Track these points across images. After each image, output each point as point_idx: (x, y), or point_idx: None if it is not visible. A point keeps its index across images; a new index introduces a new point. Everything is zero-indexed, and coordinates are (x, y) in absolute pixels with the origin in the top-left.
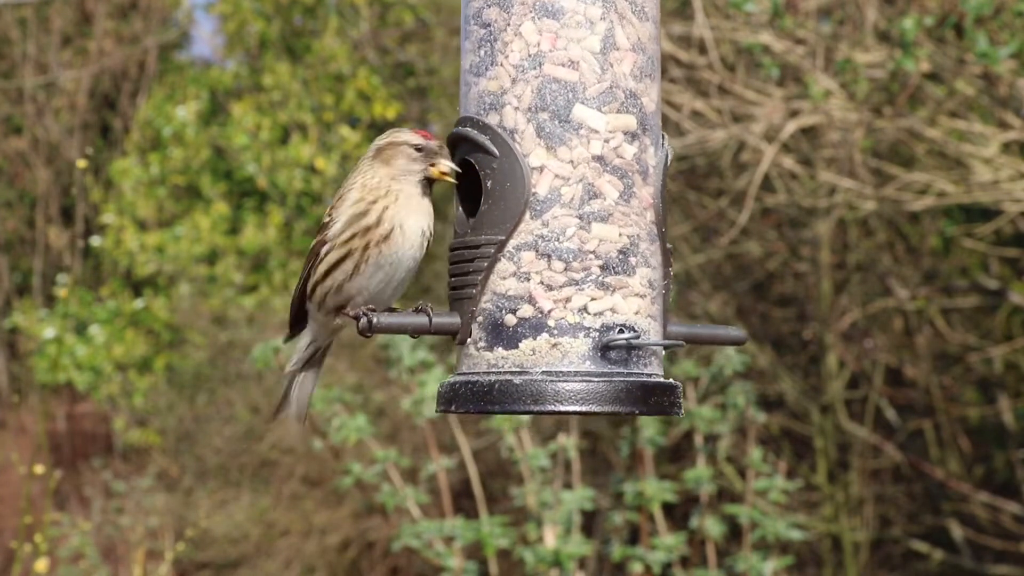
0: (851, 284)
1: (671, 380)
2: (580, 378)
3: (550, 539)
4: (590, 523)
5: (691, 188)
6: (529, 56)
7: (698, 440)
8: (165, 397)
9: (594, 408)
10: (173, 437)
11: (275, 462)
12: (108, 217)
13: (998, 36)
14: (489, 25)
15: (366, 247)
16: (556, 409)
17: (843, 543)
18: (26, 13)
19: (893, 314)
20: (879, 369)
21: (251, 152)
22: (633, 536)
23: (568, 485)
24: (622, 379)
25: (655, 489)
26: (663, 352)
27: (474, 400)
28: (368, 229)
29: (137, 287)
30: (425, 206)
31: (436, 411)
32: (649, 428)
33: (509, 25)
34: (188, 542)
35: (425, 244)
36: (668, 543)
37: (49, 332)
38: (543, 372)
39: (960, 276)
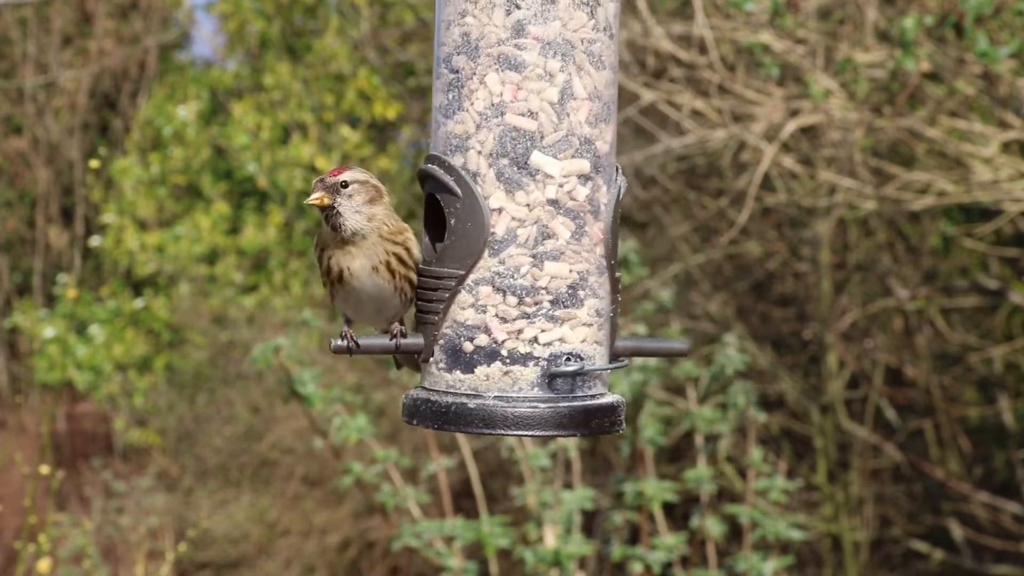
0: (851, 284)
1: (613, 400)
2: (528, 404)
3: (550, 539)
4: (590, 523)
5: (691, 188)
6: (492, 105)
7: (698, 440)
8: (165, 397)
9: (538, 432)
10: (173, 437)
11: (275, 462)
12: (108, 217)
13: (998, 36)
14: (458, 71)
15: (332, 283)
16: (505, 432)
17: (843, 543)
18: (26, 13)
19: (893, 314)
20: (879, 369)
21: (251, 152)
22: (633, 536)
23: (568, 485)
24: (566, 404)
25: (655, 489)
26: (608, 374)
27: (432, 418)
28: (327, 272)
29: (137, 287)
30: (363, 243)
31: (403, 419)
32: (649, 428)
33: (475, 74)
34: (189, 542)
35: (388, 269)
36: (668, 543)
37: (49, 332)
38: (495, 397)
39: (960, 276)
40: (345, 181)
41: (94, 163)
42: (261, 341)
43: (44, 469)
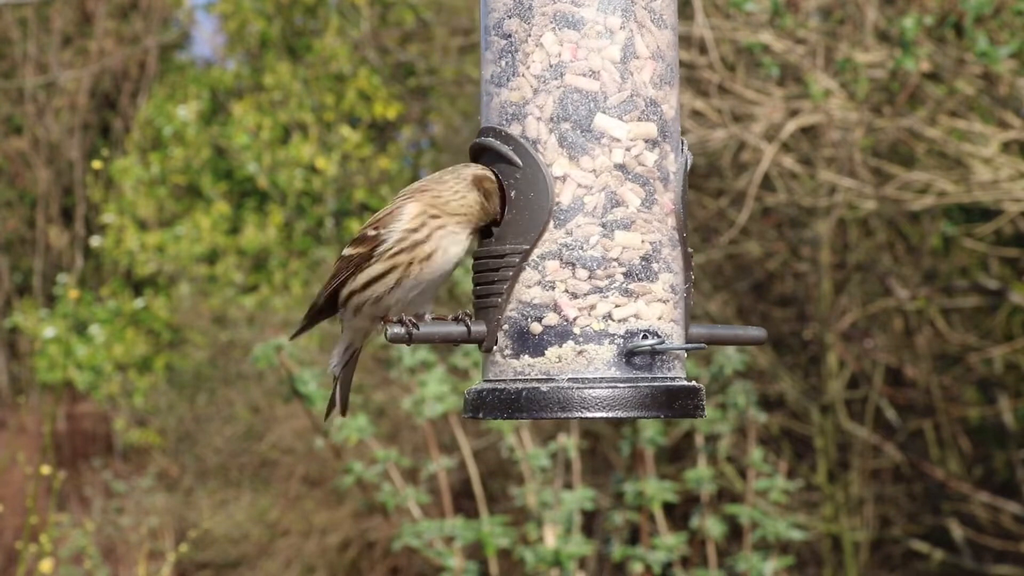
0: (851, 284)
1: (694, 383)
2: (606, 384)
3: (550, 539)
4: (590, 523)
5: (691, 188)
6: (550, 66)
7: (698, 440)
8: (165, 397)
9: (620, 413)
10: (173, 437)
11: (275, 462)
12: (108, 217)
13: (998, 35)
14: (510, 36)
15: (410, 263)
16: (583, 415)
17: (843, 543)
18: (26, 13)
19: (893, 314)
20: (879, 369)
21: (252, 152)
22: (633, 536)
23: (568, 485)
24: (647, 384)
25: (655, 489)
26: (686, 355)
27: (502, 407)
28: (416, 245)
29: (137, 287)
30: (465, 243)
31: (464, 416)
32: (649, 428)
33: (530, 36)
34: (189, 543)
35: (456, 266)
36: (669, 543)
37: (49, 332)
38: (569, 379)
39: (960, 276)
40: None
41: (97, 164)
42: (261, 341)
43: (45, 469)
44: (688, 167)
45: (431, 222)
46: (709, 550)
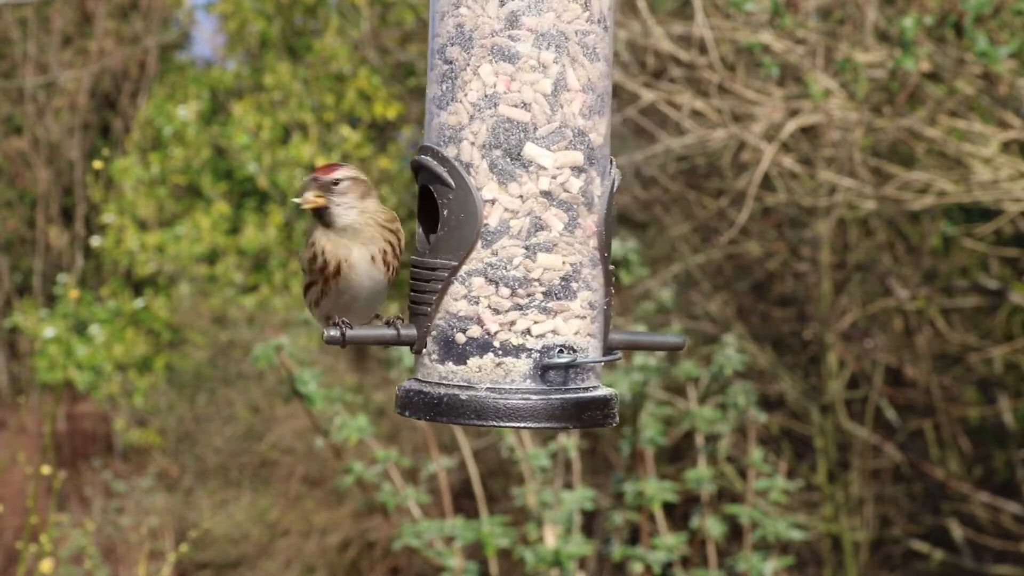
0: (851, 284)
1: (607, 393)
2: (520, 395)
3: (550, 539)
4: (590, 523)
5: (691, 188)
6: (486, 96)
7: (699, 440)
8: (165, 397)
9: (531, 424)
10: (173, 437)
11: (275, 462)
12: (108, 217)
13: (998, 35)
14: (451, 62)
15: (326, 280)
16: (497, 424)
17: (843, 543)
18: (26, 13)
19: (893, 314)
20: (879, 369)
21: (252, 152)
22: (633, 536)
23: (568, 485)
24: (559, 396)
25: (655, 489)
26: (601, 366)
27: (425, 409)
28: (322, 269)
29: (137, 287)
30: (361, 232)
31: (395, 411)
32: (649, 428)
33: (469, 65)
34: (189, 543)
35: (383, 260)
36: (669, 543)
37: (49, 332)
38: (487, 388)
39: (960, 276)
40: (337, 179)
41: (98, 164)
42: (261, 341)
43: (45, 469)
44: (615, 187)
45: (315, 249)
46: (709, 550)
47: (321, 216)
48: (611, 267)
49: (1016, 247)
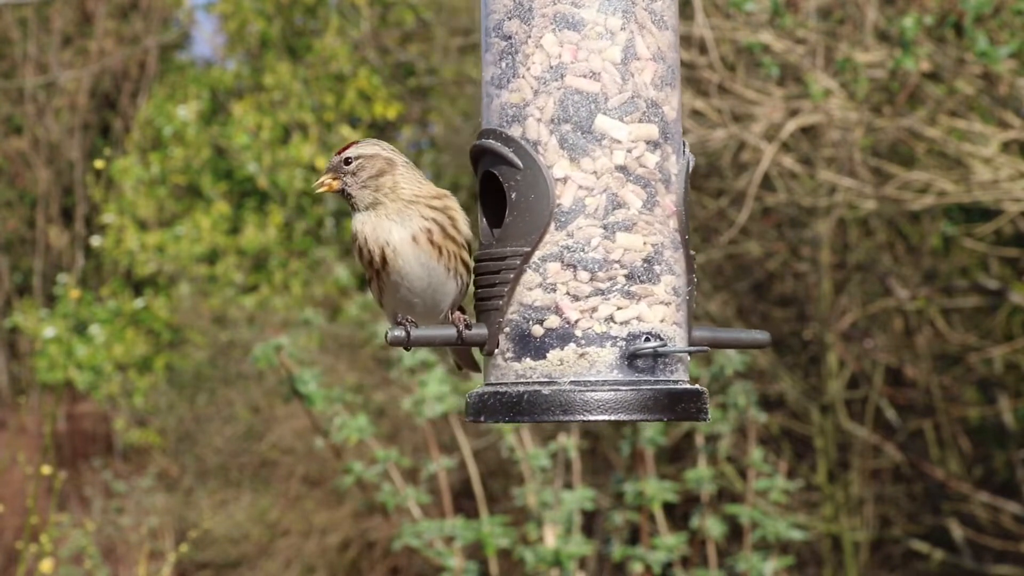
0: (851, 284)
1: (697, 386)
2: (608, 387)
3: (550, 539)
4: (590, 523)
5: (691, 188)
6: (551, 68)
7: (699, 440)
8: (165, 397)
9: (622, 416)
10: (173, 437)
11: (275, 462)
12: (108, 217)
13: (998, 35)
14: (510, 37)
15: (376, 273)
16: (585, 418)
17: (843, 543)
18: (26, 13)
19: (893, 314)
20: (879, 369)
21: (252, 152)
22: (633, 536)
23: (568, 485)
24: (649, 387)
25: (656, 489)
26: (689, 358)
27: (503, 411)
28: (370, 262)
29: (137, 287)
30: (389, 208)
31: (467, 420)
32: (649, 428)
33: (530, 37)
34: (190, 543)
35: (430, 242)
36: (669, 543)
37: (49, 332)
38: (571, 382)
39: (960, 276)
40: (348, 158)
41: (99, 164)
42: (261, 341)
43: (45, 469)
44: (690, 168)
45: (358, 242)
46: (709, 550)
47: (347, 200)
48: (692, 252)
49: (1016, 247)
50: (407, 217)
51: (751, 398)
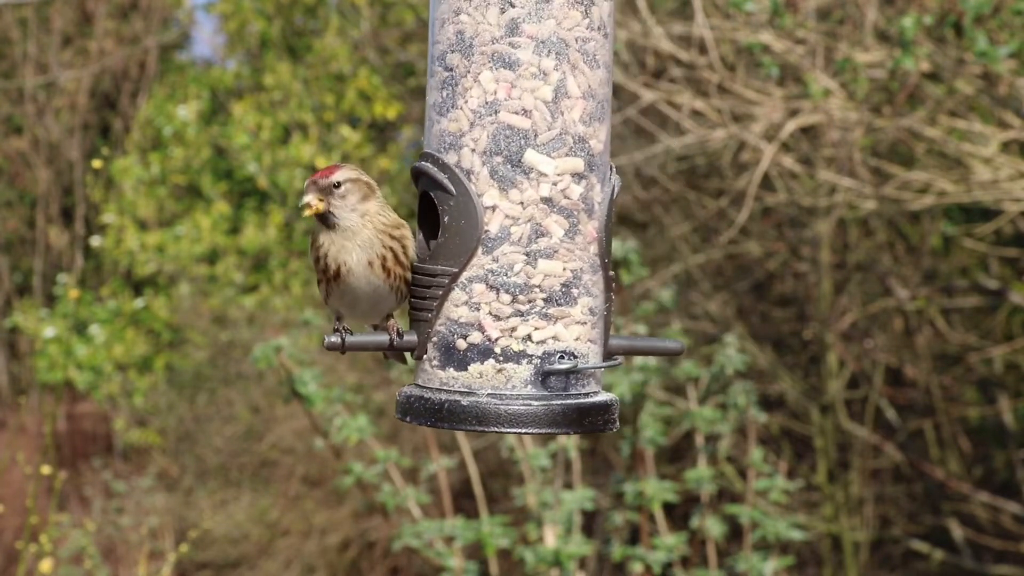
0: (851, 284)
1: (607, 398)
2: (521, 401)
3: (550, 539)
4: (590, 523)
5: (691, 188)
6: (486, 103)
7: (699, 440)
8: (165, 397)
9: (532, 430)
10: (173, 437)
11: (275, 462)
12: (108, 217)
13: (997, 35)
14: (452, 69)
15: (328, 281)
16: (499, 430)
17: (843, 543)
18: (26, 13)
19: (893, 314)
20: (879, 369)
21: (252, 152)
22: (633, 536)
23: (568, 485)
24: (560, 402)
25: (655, 489)
26: (601, 372)
27: (426, 415)
28: (324, 271)
29: (137, 287)
30: (358, 235)
31: (395, 416)
32: (649, 428)
33: (469, 72)
34: (189, 543)
35: (383, 267)
36: (669, 543)
37: (49, 332)
38: (488, 394)
39: (960, 276)
40: (338, 182)
41: (97, 163)
42: (261, 341)
43: (45, 469)
44: (615, 193)
45: (319, 253)
46: (709, 550)
47: (324, 220)
48: (611, 273)
49: (1016, 247)
50: (370, 244)
51: (751, 398)
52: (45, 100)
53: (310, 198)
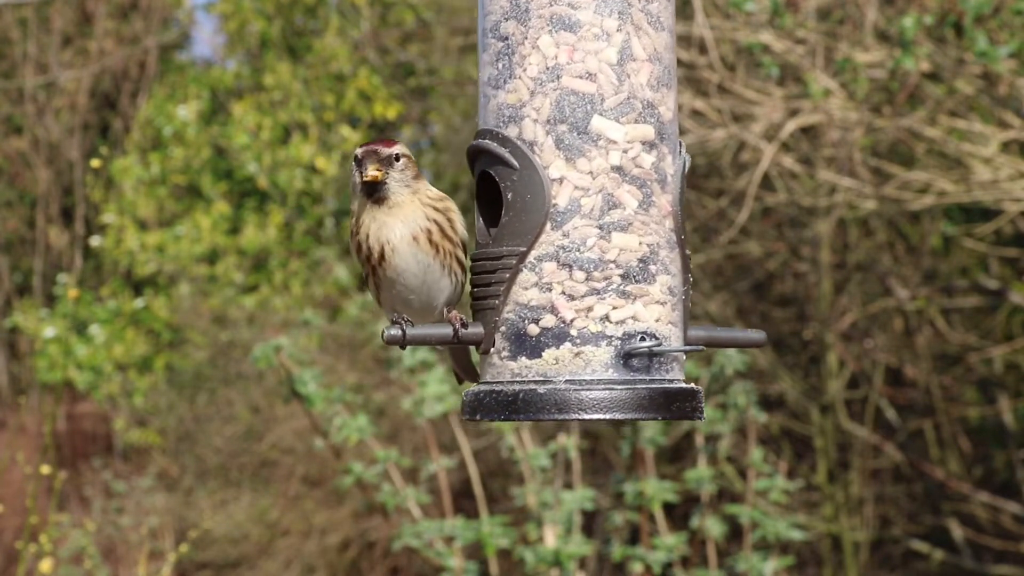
0: (851, 284)
1: (692, 385)
2: (603, 386)
3: (550, 539)
4: (590, 523)
5: (691, 188)
6: (547, 69)
7: (699, 440)
8: (165, 397)
9: (617, 415)
10: (173, 437)
11: (275, 462)
12: (108, 217)
13: (997, 35)
14: (507, 38)
15: (373, 269)
16: (580, 417)
17: (843, 543)
18: (26, 13)
19: (893, 314)
20: (879, 369)
21: (252, 152)
22: (633, 536)
23: (568, 485)
24: (644, 386)
25: (655, 489)
26: (684, 357)
27: (499, 409)
28: (367, 257)
29: (137, 287)
30: (403, 209)
31: (463, 418)
32: (649, 428)
33: (527, 38)
34: (189, 543)
35: (429, 241)
36: (669, 543)
37: (49, 332)
38: (566, 381)
39: (960, 276)
40: (398, 154)
41: (96, 163)
42: (261, 341)
43: (45, 469)
44: (686, 168)
45: (358, 237)
46: (709, 550)
47: (373, 191)
48: (687, 252)
49: (1016, 247)
50: (414, 218)
51: (751, 398)
52: (45, 100)
53: (370, 167)
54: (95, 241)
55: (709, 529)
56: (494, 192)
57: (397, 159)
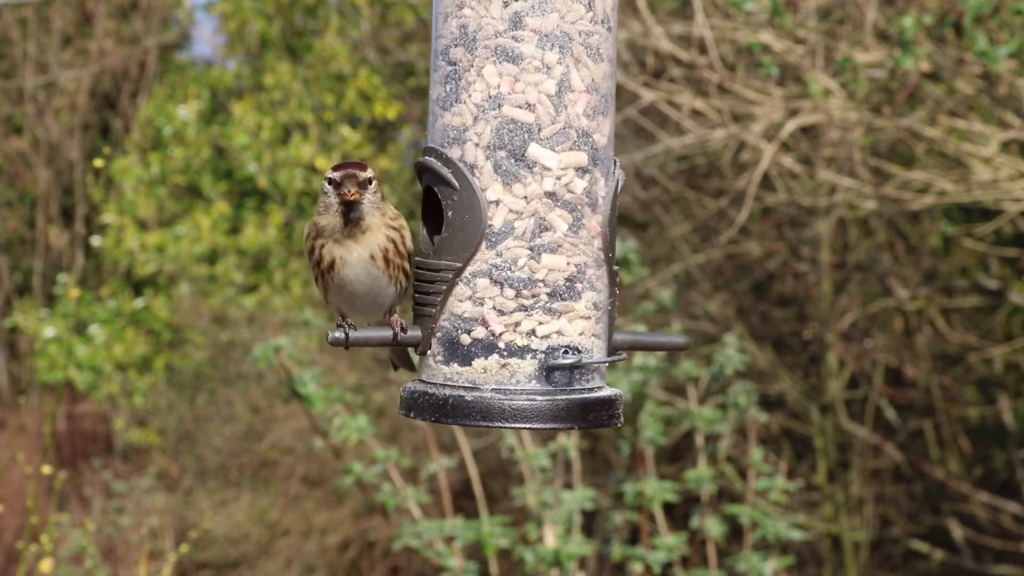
0: (851, 284)
1: (611, 393)
2: (526, 396)
3: (550, 539)
4: (590, 523)
5: (691, 188)
6: (490, 97)
7: (699, 440)
8: (165, 397)
9: (536, 425)
10: (173, 437)
11: (275, 462)
12: (108, 217)
13: (997, 35)
14: (455, 63)
15: (322, 274)
16: (503, 425)
17: (843, 543)
18: (26, 13)
19: (893, 314)
20: (879, 369)
21: (252, 152)
22: (633, 536)
23: (568, 485)
24: (564, 397)
25: (655, 489)
26: (606, 366)
27: (430, 411)
28: (318, 263)
29: (137, 287)
30: (373, 233)
31: (399, 412)
32: (649, 428)
33: (472, 66)
34: (190, 543)
35: (384, 258)
36: (668, 543)
37: (49, 332)
38: (492, 389)
39: (960, 276)
40: (371, 178)
41: (98, 163)
42: (261, 341)
43: (45, 469)
44: (619, 188)
45: (315, 245)
46: (709, 550)
47: (350, 210)
48: (615, 268)
49: (1016, 247)
50: (376, 241)
51: (751, 398)
52: (45, 100)
53: (353, 189)
54: (95, 241)
55: (709, 529)
56: (437, 205)
57: (370, 182)
